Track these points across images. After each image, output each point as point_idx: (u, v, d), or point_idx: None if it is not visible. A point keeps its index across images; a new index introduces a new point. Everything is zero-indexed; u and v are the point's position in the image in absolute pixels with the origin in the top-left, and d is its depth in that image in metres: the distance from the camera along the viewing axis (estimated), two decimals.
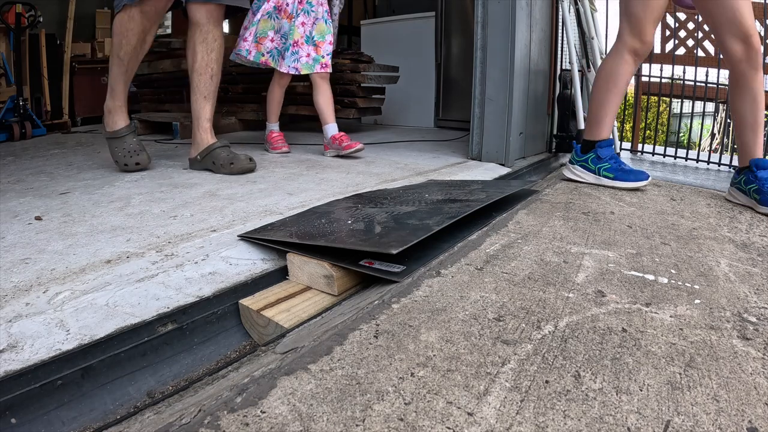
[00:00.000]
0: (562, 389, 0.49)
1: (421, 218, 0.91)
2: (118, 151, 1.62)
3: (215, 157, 1.62)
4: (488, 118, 1.86)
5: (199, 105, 1.66)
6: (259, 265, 0.86)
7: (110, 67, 1.62)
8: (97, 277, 0.75)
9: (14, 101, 2.96)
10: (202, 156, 1.65)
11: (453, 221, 0.91)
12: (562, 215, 1.16)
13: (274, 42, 2.01)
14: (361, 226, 0.89)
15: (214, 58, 1.64)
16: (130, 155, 1.61)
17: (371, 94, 3.05)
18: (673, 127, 6.01)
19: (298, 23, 1.98)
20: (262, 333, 0.76)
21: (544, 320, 0.63)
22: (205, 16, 1.60)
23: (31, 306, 0.66)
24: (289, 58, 1.98)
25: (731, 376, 0.52)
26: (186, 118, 2.71)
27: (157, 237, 0.94)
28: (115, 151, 1.63)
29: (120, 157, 1.61)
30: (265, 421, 0.44)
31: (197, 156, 1.67)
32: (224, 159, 1.61)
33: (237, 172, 1.60)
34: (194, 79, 1.65)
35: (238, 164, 1.60)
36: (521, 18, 1.81)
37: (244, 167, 1.60)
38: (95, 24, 4.28)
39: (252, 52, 2.00)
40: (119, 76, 1.60)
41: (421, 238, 0.80)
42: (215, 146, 1.64)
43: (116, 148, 1.62)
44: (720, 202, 1.42)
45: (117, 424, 0.54)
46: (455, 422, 0.44)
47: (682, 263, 0.87)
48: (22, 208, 1.15)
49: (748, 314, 0.68)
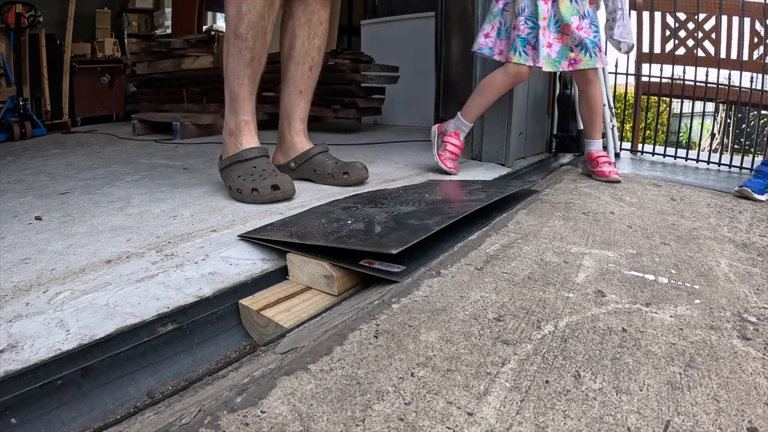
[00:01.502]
0: (562, 389, 0.49)
1: (421, 218, 0.91)
2: (242, 176, 1.17)
3: (317, 164, 1.34)
4: (488, 118, 1.86)
5: (291, 101, 1.35)
6: (259, 265, 0.86)
7: (225, 63, 1.17)
8: (97, 277, 0.75)
9: (14, 101, 2.96)
10: (297, 163, 1.36)
11: (453, 221, 0.91)
12: (562, 215, 1.16)
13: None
14: (361, 226, 0.89)
15: (316, 45, 1.32)
16: (262, 176, 1.14)
17: (371, 94, 3.05)
18: (673, 127, 6.01)
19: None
20: (262, 333, 0.76)
21: (544, 320, 0.63)
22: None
23: (31, 306, 0.66)
24: None
25: (731, 376, 0.52)
26: (186, 118, 2.71)
27: (157, 237, 0.94)
28: (237, 178, 1.17)
29: (243, 183, 1.15)
30: (265, 421, 0.44)
31: (290, 163, 1.37)
32: (333, 168, 1.31)
33: (353, 183, 1.31)
34: (290, 68, 1.33)
35: (355, 174, 1.31)
36: None
37: (360, 177, 1.32)
38: (95, 24, 4.29)
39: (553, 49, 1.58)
40: (242, 70, 1.15)
41: (421, 238, 0.80)
42: (314, 152, 1.35)
43: (240, 172, 1.18)
44: (720, 202, 1.42)
45: (117, 424, 0.54)
46: (455, 422, 0.44)
47: (682, 263, 0.87)
48: (22, 208, 1.15)
49: (748, 314, 0.68)
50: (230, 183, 1.19)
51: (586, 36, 1.56)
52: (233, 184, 1.17)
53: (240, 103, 1.19)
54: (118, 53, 4.14)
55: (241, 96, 1.18)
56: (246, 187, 1.14)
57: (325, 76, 1.68)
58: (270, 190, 1.12)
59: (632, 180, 1.73)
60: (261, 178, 1.13)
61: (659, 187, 1.59)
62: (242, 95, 1.18)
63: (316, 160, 1.36)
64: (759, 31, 2.29)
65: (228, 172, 1.21)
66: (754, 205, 1.42)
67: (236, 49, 1.12)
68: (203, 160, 1.87)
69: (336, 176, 1.33)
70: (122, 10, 4.61)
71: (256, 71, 1.17)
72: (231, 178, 1.19)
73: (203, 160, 1.89)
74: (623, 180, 1.69)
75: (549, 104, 2.26)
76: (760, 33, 2.29)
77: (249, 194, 1.14)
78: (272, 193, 1.13)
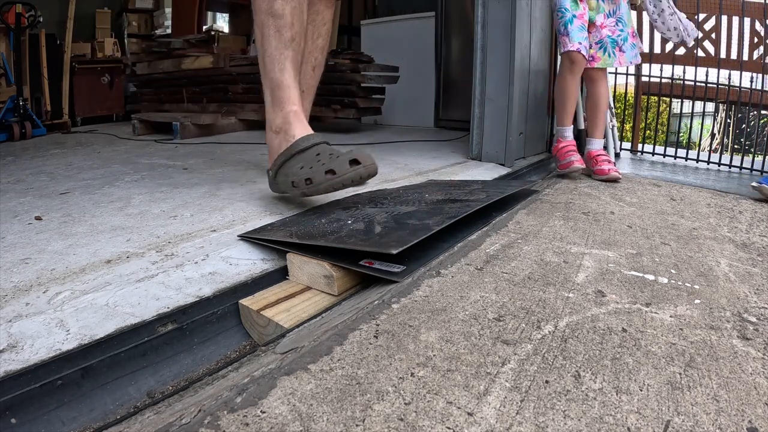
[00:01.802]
0: (562, 389, 0.49)
1: (421, 218, 0.91)
2: (305, 166, 0.98)
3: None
4: (488, 118, 1.86)
5: None
6: (259, 265, 0.86)
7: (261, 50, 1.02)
8: (97, 277, 0.75)
9: (14, 101, 2.97)
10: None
11: (453, 221, 0.91)
12: (562, 215, 1.16)
13: (606, 29, 1.66)
14: (361, 226, 0.89)
15: (320, 45, 1.27)
16: (333, 156, 0.95)
17: (371, 94, 3.05)
18: (673, 127, 6.01)
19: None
20: (262, 333, 0.76)
21: (544, 320, 0.63)
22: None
23: (31, 306, 0.66)
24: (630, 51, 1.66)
25: (731, 376, 0.52)
26: (186, 118, 2.71)
27: (157, 237, 0.94)
28: (301, 170, 0.98)
29: (312, 171, 0.95)
30: (265, 421, 0.44)
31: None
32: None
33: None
34: None
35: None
36: (521, 18, 1.81)
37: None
38: (95, 24, 4.29)
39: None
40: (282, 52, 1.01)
41: (421, 238, 0.80)
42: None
43: (302, 163, 0.99)
44: (720, 202, 1.42)
45: (117, 424, 0.54)
46: (455, 422, 0.44)
47: (682, 263, 0.87)
48: (22, 208, 1.15)
49: (748, 314, 0.68)
50: (292, 179, 0.99)
51: (609, 35, 1.58)
52: (297, 178, 0.97)
53: (284, 92, 1.03)
54: (118, 53, 4.14)
55: (284, 83, 1.03)
56: (317, 172, 0.93)
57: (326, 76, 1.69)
58: (348, 167, 0.92)
59: (632, 180, 1.73)
60: (333, 157, 0.94)
61: (659, 187, 1.59)
62: (286, 82, 1.03)
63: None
64: (759, 31, 2.29)
65: (285, 171, 1.01)
66: (754, 205, 1.42)
67: (273, 29, 0.98)
68: (203, 160, 1.87)
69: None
70: (122, 10, 4.61)
71: (296, 54, 1.03)
72: (291, 173, 0.99)
73: (203, 160, 1.89)
74: (623, 180, 1.69)
75: (549, 104, 2.26)
76: (760, 33, 2.29)
77: (323, 179, 0.93)
78: (352, 169, 0.92)
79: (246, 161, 1.86)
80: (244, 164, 1.79)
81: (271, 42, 1.01)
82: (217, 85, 3.24)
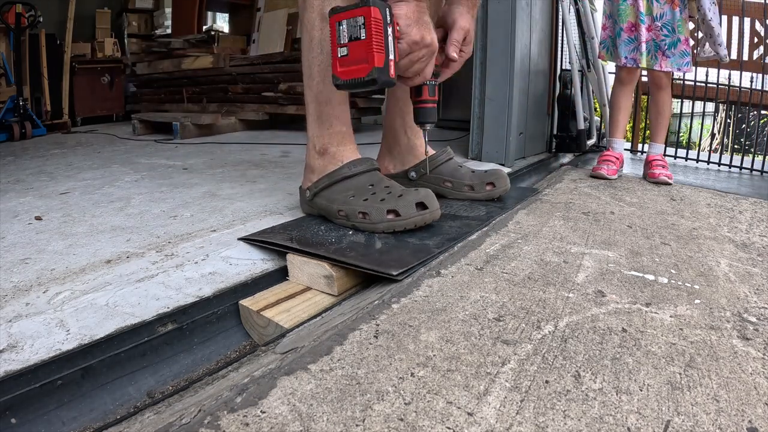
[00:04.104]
0: (562, 389, 0.49)
1: (421, 238, 0.90)
2: (357, 196, 0.90)
3: (449, 174, 1.10)
4: (488, 118, 1.86)
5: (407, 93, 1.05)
6: (259, 266, 0.86)
7: (308, 60, 0.89)
8: (97, 277, 0.75)
9: (14, 101, 2.97)
10: (419, 173, 1.11)
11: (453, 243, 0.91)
12: (562, 215, 1.16)
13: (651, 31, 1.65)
14: (362, 239, 0.89)
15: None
16: (393, 194, 0.88)
17: (371, 94, 3.05)
18: (673, 127, 6.00)
19: (685, 15, 1.60)
20: (262, 333, 0.76)
21: (544, 320, 0.63)
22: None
23: (31, 306, 0.66)
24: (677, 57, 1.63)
25: (731, 376, 0.52)
26: (186, 118, 2.71)
27: (157, 237, 0.94)
28: (351, 199, 0.90)
29: (367, 205, 0.87)
30: (265, 421, 0.44)
31: (410, 173, 1.12)
32: (472, 178, 1.07)
33: (499, 195, 1.07)
34: None
35: (501, 183, 1.08)
36: (521, 18, 1.81)
37: (507, 186, 1.06)
38: (95, 24, 4.29)
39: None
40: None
41: (422, 260, 0.81)
42: (443, 158, 1.11)
43: (352, 192, 0.91)
44: (720, 202, 1.42)
45: (117, 424, 0.54)
46: (455, 422, 0.44)
47: (682, 263, 0.87)
48: (22, 208, 1.15)
49: (748, 314, 0.68)
50: (339, 207, 0.90)
51: (654, 38, 1.64)
52: (346, 208, 0.89)
53: (334, 109, 0.90)
54: (118, 53, 4.14)
55: (335, 99, 0.89)
56: (377, 209, 0.85)
57: None
58: (415, 210, 0.86)
59: (632, 180, 1.73)
60: (395, 196, 0.86)
61: (659, 187, 1.59)
62: (336, 98, 0.89)
63: (446, 169, 1.10)
64: (759, 31, 2.29)
65: (328, 195, 0.92)
66: (754, 205, 1.42)
67: (327, 34, 0.80)
68: (203, 160, 1.87)
69: (477, 188, 1.09)
70: (122, 10, 4.61)
71: None
72: (337, 201, 0.91)
73: (203, 160, 1.89)
74: (623, 180, 1.70)
75: (549, 104, 2.26)
76: (760, 33, 2.29)
77: (382, 218, 0.86)
78: (419, 214, 0.86)
79: (246, 161, 1.86)
80: (244, 164, 1.79)
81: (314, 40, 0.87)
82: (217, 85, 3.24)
